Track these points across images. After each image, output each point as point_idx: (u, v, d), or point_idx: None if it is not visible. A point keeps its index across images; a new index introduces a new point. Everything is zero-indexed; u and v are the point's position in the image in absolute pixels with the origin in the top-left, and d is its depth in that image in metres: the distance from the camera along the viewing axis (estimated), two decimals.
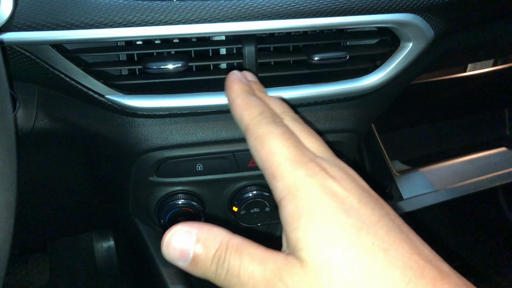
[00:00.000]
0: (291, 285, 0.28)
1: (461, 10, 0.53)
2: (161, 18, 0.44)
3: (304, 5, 0.46)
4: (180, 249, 0.31)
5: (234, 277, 0.29)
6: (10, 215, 0.25)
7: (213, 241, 0.30)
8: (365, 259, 0.26)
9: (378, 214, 0.29)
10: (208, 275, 0.30)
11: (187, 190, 0.60)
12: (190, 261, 0.30)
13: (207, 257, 0.30)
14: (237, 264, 0.29)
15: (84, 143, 0.59)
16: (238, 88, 0.40)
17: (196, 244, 0.30)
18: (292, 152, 0.32)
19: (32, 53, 0.46)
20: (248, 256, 0.29)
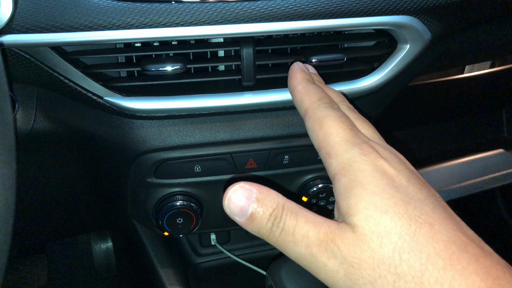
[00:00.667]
0: (342, 247, 0.30)
1: (458, 12, 0.53)
2: (160, 20, 0.44)
3: (301, 7, 0.47)
4: (240, 205, 0.32)
5: (288, 235, 0.31)
6: (9, 216, 0.25)
7: (271, 201, 0.32)
8: (411, 228, 0.29)
9: (425, 193, 0.32)
10: (262, 232, 0.32)
11: (185, 191, 0.61)
12: (248, 217, 0.32)
13: (265, 215, 0.32)
14: (293, 224, 0.31)
15: (82, 145, 0.59)
16: (300, 76, 0.43)
17: (255, 202, 0.32)
18: (347, 134, 0.35)
19: (31, 55, 0.46)
20: (303, 218, 0.32)
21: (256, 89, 0.52)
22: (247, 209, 0.32)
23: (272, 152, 0.59)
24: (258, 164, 0.59)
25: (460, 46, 0.68)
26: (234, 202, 0.33)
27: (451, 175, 0.98)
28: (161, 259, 0.74)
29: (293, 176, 0.63)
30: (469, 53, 0.78)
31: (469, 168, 1.00)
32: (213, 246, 0.85)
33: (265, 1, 0.46)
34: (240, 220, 0.33)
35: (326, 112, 0.37)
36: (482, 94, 1.11)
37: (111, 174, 0.63)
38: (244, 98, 0.52)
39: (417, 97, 1.03)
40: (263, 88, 0.52)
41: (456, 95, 1.08)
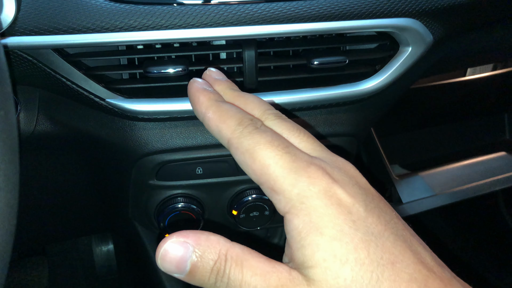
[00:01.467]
0: None
1: (460, 14, 0.54)
2: (162, 22, 0.45)
3: (304, 10, 0.47)
4: (176, 261, 0.29)
5: None
6: (12, 217, 0.25)
7: (211, 252, 0.29)
8: (373, 275, 0.26)
9: (383, 221, 0.29)
10: (207, 287, 0.29)
11: (186, 193, 0.60)
12: (187, 273, 0.29)
13: (205, 269, 0.28)
14: (239, 279, 0.28)
15: (84, 147, 0.59)
16: (205, 99, 0.35)
17: (193, 256, 0.29)
18: (286, 160, 0.30)
19: (34, 57, 0.46)
20: (250, 270, 0.28)
21: (258, 91, 0.52)
22: (185, 264, 0.29)
23: None
24: None
25: (462, 49, 0.68)
26: (169, 259, 0.29)
27: (453, 177, 0.98)
28: None
29: None
30: (471, 56, 0.78)
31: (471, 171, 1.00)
32: None
33: (267, 4, 0.46)
34: (180, 277, 0.29)
35: (253, 139, 0.31)
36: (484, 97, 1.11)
37: (112, 176, 0.63)
38: None
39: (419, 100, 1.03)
40: (265, 91, 0.52)
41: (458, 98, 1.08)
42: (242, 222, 0.63)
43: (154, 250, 0.73)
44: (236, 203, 0.61)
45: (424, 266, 0.27)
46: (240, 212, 0.62)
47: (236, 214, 0.62)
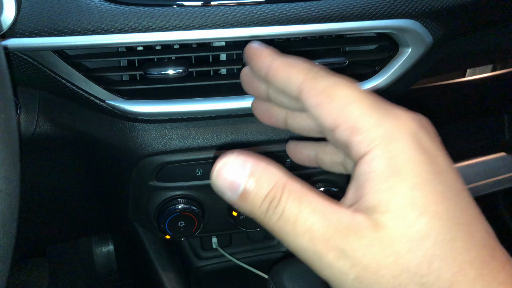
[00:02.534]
0: (357, 247, 0.25)
1: (459, 15, 0.54)
2: (162, 24, 0.45)
3: (303, 11, 0.47)
4: (230, 180, 0.27)
5: (288, 225, 0.26)
6: (13, 219, 0.25)
7: (269, 179, 0.27)
8: (449, 233, 0.25)
9: (460, 180, 0.27)
10: (256, 214, 0.27)
11: (187, 194, 0.61)
12: (239, 195, 0.27)
13: (259, 194, 0.26)
14: (294, 213, 0.26)
15: (84, 148, 0.59)
16: (268, 53, 0.33)
17: (249, 178, 0.27)
18: (370, 99, 0.28)
19: (34, 58, 0.46)
20: (309, 206, 0.26)
21: None
22: (239, 184, 0.27)
23: (274, 155, 0.59)
24: None
25: (462, 50, 0.68)
26: (224, 176, 0.27)
27: None
28: (163, 262, 0.74)
29: None
30: (470, 57, 0.78)
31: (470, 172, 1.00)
32: (214, 250, 0.85)
33: (267, 5, 0.46)
34: (230, 198, 0.28)
35: (330, 79, 0.29)
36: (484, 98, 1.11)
37: (113, 177, 0.63)
38: (246, 101, 0.52)
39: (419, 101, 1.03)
40: None
41: (457, 99, 1.08)
42: (242, 223, 0.63)
43: (154, 251, 0.74)
44: None
45: (491, 236, 0.27)
46: (240, 213, 0.62)
47: (236, 215, 0.62)
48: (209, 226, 0.65)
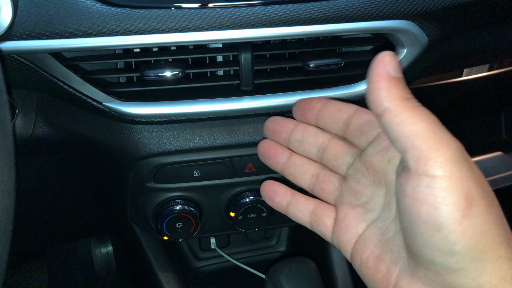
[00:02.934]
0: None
1: (455, 16, 0.54)
2: (158, 26, 0.45)
3: (299, 13, 0.47)
4: (395, 64, 0.33)
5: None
6: (8, 222, 0.26)
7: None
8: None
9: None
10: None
11: (184, 195, 0.61)
12: (398, 76, 0.33)
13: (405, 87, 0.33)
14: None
15: (82, 150, 0.59)
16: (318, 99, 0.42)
17: None
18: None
19: (31, 61, 0.46)
20: None
21: (255, 93, 0.52)
22: (398, 70, 0.33)
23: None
24: (257, 168, 0.60)
25: (458, 50, 0.68)
26: (391, 59, 0.33)
27: None
28: (161, 263, 0.74)
29: None
30: (467, 56, 0.78)
31: None
32: (213, 250, 0.85)
33: (263, 7, 0.46)
34: (390, 72, 0.32)
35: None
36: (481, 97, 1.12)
37: (110, 179, 0.64)
38: (242, 102, 0.52)
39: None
40: (262, 93, 0.52)
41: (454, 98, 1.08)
42: (240, 223, 0.63)
43: (152, 252, 0.74)
44: (234, 205, 0.62)
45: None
46: (237, 214, 0.62)
47: (234, 216, 0.62)
48: (207, 227, 0.65)
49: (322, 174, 0.42)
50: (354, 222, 0.39)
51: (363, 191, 0.38)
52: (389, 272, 0.34)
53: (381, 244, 0.36)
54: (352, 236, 0.38)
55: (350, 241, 0.39)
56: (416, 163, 0.29)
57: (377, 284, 0.35)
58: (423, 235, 0.29)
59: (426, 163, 0.29)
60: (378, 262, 0.35)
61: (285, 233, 0.91)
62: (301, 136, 0.43)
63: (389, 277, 0.34)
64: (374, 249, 0.36)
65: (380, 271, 0.35)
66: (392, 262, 0.34)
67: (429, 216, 0.28)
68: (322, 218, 0.41)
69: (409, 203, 0.30)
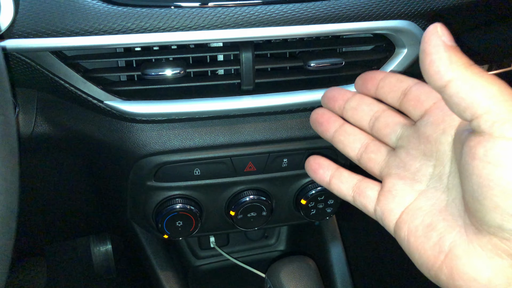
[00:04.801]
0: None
1: (454, 16, 0.54)
2: (160, 25, 0.45)
3: (300, 12, 0.47)
4: (449, 34, 0.31)
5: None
6: (12, 220, 0.26)
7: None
8: None
9: None
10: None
11: (184, 194, 0.61)
12: (455, 44, 0.31)
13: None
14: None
15: (82, 148, 0.59)
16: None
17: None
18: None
19: (32, 59, 0.46)
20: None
21: (255, 93, 0.52)
22: (453, 40, 0.31)
23: (271, 155, 0.59)
24: (257, 167, 0.60)
25: None
26: (445, 30, 0.31)
27: None
28: (161, 261, 0.75)
29: (292, 179, 0.63)
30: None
31: None
32: (212, 249, 0.85)
33: (264, 6, 0.46)
34: (447, 42, 0.31)
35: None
36: None
37: (111, 177, 0.64)
38: (243, 102, 0.52)
39: None
40: (262, 92, 0.53)
41: None
42: (240, 222, 0.63)
43: (152, 250, 0.74)
44: (234, 204, 0.62)
45: None
46: (237, 212, 0.62)
47: (234, 215, 0.62)
48: (207, 226, 0.65)
49: (371, 144, 0.42)
50: (401, 193, 0.38)
51: (412, 162, 0.38)
52: (442, 240, 0.34)
53: (432, 214, 0.35)
54: (399, 206, 0.38)
55: (396, 211, 0.38)
56: (491, 126, 0.28)
57: (426, 252, 0.35)
58: (494, 198, 0.28)
59: (503, 125, 0.28)
60: (429, 230, 0.35)
61: (285, 232, 0.92)
62: (356, 104, 0.43)
63: (442, 244, 0.34)
64: (424, 218, 0.36)
65: (431, 239, 0.35)
66: (446, 230, 0.34)
67: (504, 179, 0.28)
68: (366, 190, 0.41)
69: (481, 165, 0.29)
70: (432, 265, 0.34)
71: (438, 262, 0.33)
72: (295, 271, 0.67)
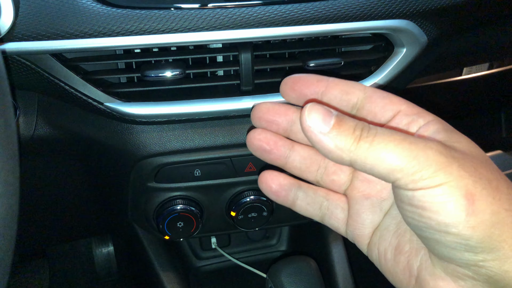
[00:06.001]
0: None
1: (453, 15, 0.54)
2: (159, 27, 0.45)
3: (299, 13, 0.47)
4: (322, 116, 0.29)
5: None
6: (13, 223, 0.26)
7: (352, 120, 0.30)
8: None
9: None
10: (347, 141, 0.29)
11: (185, 195, 0.61)
12: (332, 126, 0.29)
13: (349, 124, 0.29)
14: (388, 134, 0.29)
15: (83, 150, 0.59)
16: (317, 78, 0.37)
17: (337, 114, 0.30)
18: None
19: (32, 62, 0.46)
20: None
21: (255, 93, 0.53)
22: (330, 119, 0.29)
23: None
24: (258, 168, 0.60)
25: (457, 49, 0.68)
26: (315, 114, 0.29)
27: None
28: (162, 262, 0.75)
29: None
30: (466, 55, 0.78)
31: None
32: (213, 250, 0.85)
33: (262, 7, 0.46)
34: (321, 130, 0.29)
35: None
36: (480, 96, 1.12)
37: (111, 179, 0.64)
38: (243, 102, 0.52)
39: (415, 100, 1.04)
40: (262, 93, 0.53)
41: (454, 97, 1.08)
42: (241, 223, 0.63)
43: (153, 252, 0.74)
44: (235, 204, 0.62)
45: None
46: (238, 213, 0.62)
47: (234, 215, 0.62)
48: (208, 227, 0.66)
49: (331, 165, 0.39)
50: (369, 214, 0.36)
51: (376, 179, 0.35)
52: (410, 263, 0.33)
53: (398, 234, 0.35)
54: (368, 228, 0.37)
55: (366, 234, 0.37)
56: (406, 186, 0.28)
57: (398, 276, 0.34)
58: (433, 236, 0.29)
59: (416, 183, 0.28)
60: (397, 253, 0.34)
61: (286, 232, 0.92)
62: None
63: (410, 268, 0.33)
64: (391, 240, 0.35)
65: (400, 263, 0.34)
66: (412, 253, 0.33)
67: (433, 221, 0.28)
68: (335, 211, 0.38)
69: (411, 210, 0.29)
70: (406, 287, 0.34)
71: (411, 286, 0.33)
72: (297, 272, 0.67)
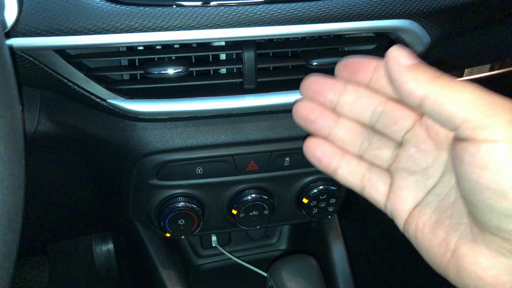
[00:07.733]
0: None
1: (456, 15, 0.54)
2: (162, 24, 0.45)
3: (302, 12, 0.47)
4: (409, 53, 0.31)
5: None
6: (19, 216, 0.26)
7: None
8: None
9: None
10: (427, 79, 0.30)
11: (187, 193, 0.61)
12: (416, 62, 0.31)
13: (430, 67, 0.31)
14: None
15: (85, 147, 0.59)
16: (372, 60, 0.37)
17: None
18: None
19: (35, 58, 0.46)
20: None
21: (258, 92, 0.53)
22: (414, 58, 0.30)
23: (273, 154, 0.59)
24: (259, 166, 0.60)
25: (459, 50, 0.68)
26: (403, 50, 0.31)
27: None
28: (162, 260, 0.75)
29: (294, 178, 0.64)
30: (468, 57, 0.78)
31: None
32: (214, 248, 0.85)
33: (266, 5, 0.47)
34: (405, 63, 0.31)
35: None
36: None
37: (113, 176, 0.64)
38: (245, 100, 0.52)
39: None
40: (265, 91, 0.53)
41: None
42: (242, 221, 0.63)
43: (154, 249, 0.74)
44: (236, 202, 0.62)
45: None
46: (239, 211, 0.62)
47: (236, 214, 0.62)
48: (209, 224, 0.66)
49: (375, 140, 0.38)
50: (412, 190, 0.36)
51: (424, 157, 0.35)
52: (448, 238, 0.33)
53: (440, 210, 0.35)
54: (409, 204, 0.36)
55: (406, 209, 0.36)
56: (472, 133, 0.28)
57: (434, 250, 0.34)
58: (487, 201, 0.28)
59: (483, 130, 0.28)
60: (436, 227, 0.34)
61: (286, 231, 0.92)
62: (354, 98, 0.38)
63: (448, 243, 0.33)
64: (431, 215, 0.35)
65: (438, 237, 0.34)
66: (452, 227, 0.33)
67: (493, 182, 0.27)
68: (376, 184, 0.38)
69: (469, 170, 0.29)
70: (440, 262, 0.34)
71: (445, 260, 0.33)
72: (297, 270, 0.67)
